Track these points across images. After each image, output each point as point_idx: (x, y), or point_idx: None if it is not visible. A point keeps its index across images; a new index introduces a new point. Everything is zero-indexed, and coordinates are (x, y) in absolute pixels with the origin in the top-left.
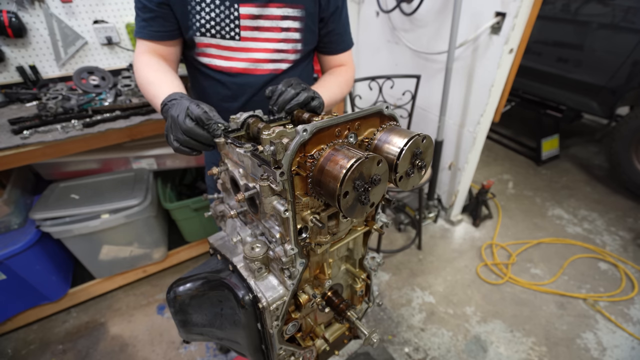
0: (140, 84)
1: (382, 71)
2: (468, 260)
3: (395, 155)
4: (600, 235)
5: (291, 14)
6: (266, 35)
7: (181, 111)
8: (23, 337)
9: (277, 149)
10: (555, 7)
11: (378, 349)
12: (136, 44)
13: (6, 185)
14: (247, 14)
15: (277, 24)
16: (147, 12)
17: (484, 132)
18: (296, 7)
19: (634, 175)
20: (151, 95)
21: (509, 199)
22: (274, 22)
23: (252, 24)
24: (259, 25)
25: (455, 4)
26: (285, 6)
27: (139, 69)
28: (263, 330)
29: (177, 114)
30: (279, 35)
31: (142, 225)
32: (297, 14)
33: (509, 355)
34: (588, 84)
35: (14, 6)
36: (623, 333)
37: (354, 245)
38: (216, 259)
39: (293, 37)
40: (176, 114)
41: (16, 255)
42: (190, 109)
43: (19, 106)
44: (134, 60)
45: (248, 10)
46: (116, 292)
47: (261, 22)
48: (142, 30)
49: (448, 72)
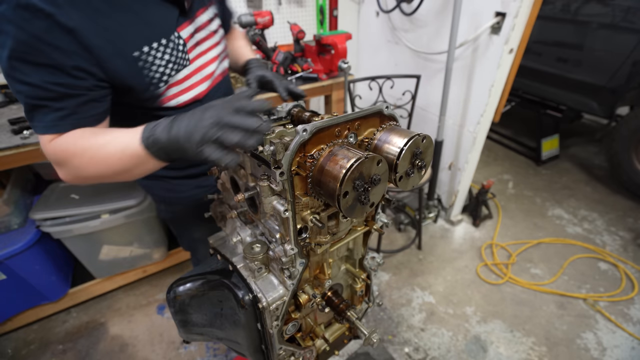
0: (84, 164)
1: (382, 71)
2: (468, 260)
3: (395, 155)
4: (600, 235)
5: (212, 14)
6: (206, 46)
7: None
8: (23, 337)
9: (277, 149)
10: (555, 7)
11: (378, 349)
12: (41, 141)
13: (6, 185)
14: (188, 35)
15: (209, 29)
16: (68, 99)
17: (484, 132)
18: (211, 5)
19: (634, 175)
20: (113, 152)
21: (509, 199)
22: (206, 29)
23: (193, 42)
24: (197, 40)
25: (455, 4)
26: (205, 9)
27: (68, 151)
28: (263, 330)
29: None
30: (215, 39)
31: (142, 225)
32: (215, 10)
33: (509, 355)
34: (588, 84)
35: None
36: (623, 333)
37: (354, 245)
38: (216, 259)
39: (220, 33)
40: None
41: (16, 255)
42: None
43: (19, 106)
44: (50, 152)
45: (187, 31)
46: (116, 292)
47: (198, 36)
48: (61, 123)
49: (448, 72)
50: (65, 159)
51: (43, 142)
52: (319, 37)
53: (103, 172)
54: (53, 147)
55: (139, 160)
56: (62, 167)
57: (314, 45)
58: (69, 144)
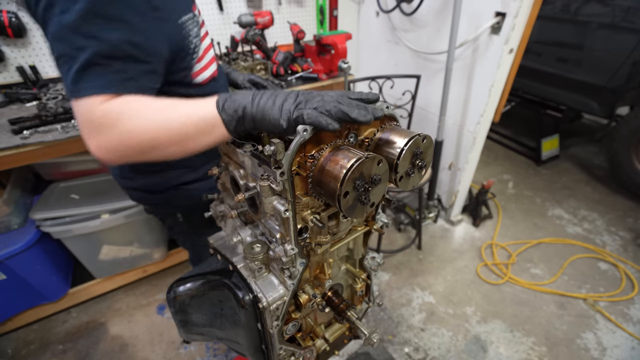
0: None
1: (382, 71)
2: (468, 260)
3: (395, 155)
4: (600, 235)
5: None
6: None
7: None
8: (23, 337)
9: (277, 149)
10: (555, 7)
11: (378, 349)
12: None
13: (6, 185)
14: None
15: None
16: (132, 62)
17: (484, 132)
18: None
19: (634, 175)
20: (176, 116)
21: (509, 199)
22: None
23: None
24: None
25: (455, 4)
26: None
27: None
28: (263, 330)
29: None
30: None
31: (142, 225)
32: None
33: (509, 355)
34: (588, 84)
35: (14, 6)
36: (623, 333)
37: (354, 245)
38: (216, 259)
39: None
40: (333, 93)
41: (16, 255)
42: None
43: (19, 106)
44: (98, 114)
45: (197, 11)
46: (116, 292)
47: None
48: (120, 84)
49: (448, 72)
50: (116, 121)
51: (91, 104)
52: (319, 37)
53: (157, 137)
54: (105, 107)
55: (206, 126)
56: (107, 132)
57: (314, 45)
58: (122, 105)
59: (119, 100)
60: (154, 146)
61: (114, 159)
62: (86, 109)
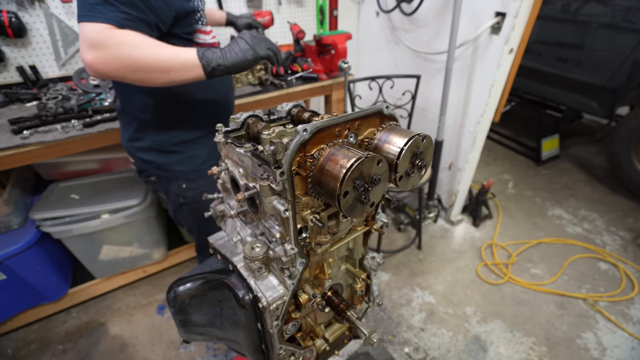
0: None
1: (382, 71)
2: (468, 260)
3: (395, 155)
4: (600, 235)
5: None
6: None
7: (257, 36)
8: (23, 337)
9: (277, 149)
10: (555, 7)
11: (378, 349)
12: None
13: (6, 185)
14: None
15: None
16: (134, 9)
17: (484, 132)
18: None
19: (634, 175)
20: (167, 52)
21: (509, 199)
22: None
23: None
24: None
25: (455, 4)
26: None
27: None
28: (263, 330)
29: (256, 36)
30: None
31: (142, 225)
32: None
33: (509, 355)
34: (588, 84)
35: (14, 6)
36: (623, 333)
37: (354, 245)
38: (216, 258)
39: None
40: (257, 35)
41: (16, 255)
42: None
43: (19, 106)
44: (104, 35)
45: None
46: (116, 292)
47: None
48: (124, 21)
49: (448, 72)
50: (122, 42)
51: (99, 27)
52: (319, 37)
53: (147, 63)
54: (110, 32)
55: (188, 65)
56: (105, 49)
57: (314, 45)
58: (125, 34)
59: (122, 31)
60: (142, 69)
61: (104, 70)
62: (92, 29)
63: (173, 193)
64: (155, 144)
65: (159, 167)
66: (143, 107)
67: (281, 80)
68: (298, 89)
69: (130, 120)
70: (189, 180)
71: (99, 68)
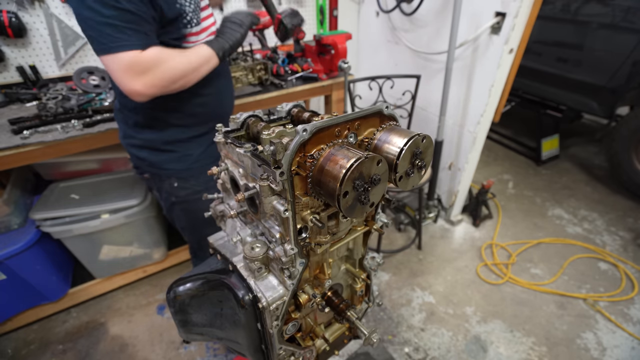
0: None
1: (382, 71)
2: (468, 260)
3: (395, 155)
4: (600, 235)
5: None
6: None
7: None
8: (23, 337)
9: (277, 149)
10: (555, 7)
11: (378, 349)
12: (128, 55)
13: (6, 185)
14: None
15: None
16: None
17: (484, 132)
18: None
19: (634, 175)
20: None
21: (509, 199)
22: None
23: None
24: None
25: (455, 4)
26: None
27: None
28: (263, 330)
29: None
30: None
31: (142, 225)
32: None
33: (509, 355)
34: (588, 84)
35: (14, 6)
36: (623, 333)
37: (354, 245)
38: (216, 258)
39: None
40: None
41: (16, 255)
42: None
43: (19, 106)
44: (142, 60)
45: None
46: (116, 292)
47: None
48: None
49: (448, 72)
50: (158, 62)
51: (134, 55)
52: (319, 37)
53: (184, 71)
54: (146, 55)
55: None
56: (152, 72)
57: (314, 45)
58: (157, 53)
59: (150, 51)
60: (181, 76)
61: (154, 92)
62: (129, 59)
63: (165, 191)
64: (147, 142)
65: (152, 164)
66: (134, 107)
67: (281, 80)
68: (298, 89)
69: (125, 118)
70: (180, 179)
71: (150, 92)
